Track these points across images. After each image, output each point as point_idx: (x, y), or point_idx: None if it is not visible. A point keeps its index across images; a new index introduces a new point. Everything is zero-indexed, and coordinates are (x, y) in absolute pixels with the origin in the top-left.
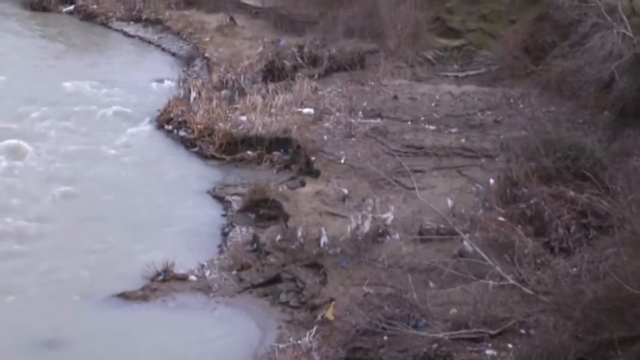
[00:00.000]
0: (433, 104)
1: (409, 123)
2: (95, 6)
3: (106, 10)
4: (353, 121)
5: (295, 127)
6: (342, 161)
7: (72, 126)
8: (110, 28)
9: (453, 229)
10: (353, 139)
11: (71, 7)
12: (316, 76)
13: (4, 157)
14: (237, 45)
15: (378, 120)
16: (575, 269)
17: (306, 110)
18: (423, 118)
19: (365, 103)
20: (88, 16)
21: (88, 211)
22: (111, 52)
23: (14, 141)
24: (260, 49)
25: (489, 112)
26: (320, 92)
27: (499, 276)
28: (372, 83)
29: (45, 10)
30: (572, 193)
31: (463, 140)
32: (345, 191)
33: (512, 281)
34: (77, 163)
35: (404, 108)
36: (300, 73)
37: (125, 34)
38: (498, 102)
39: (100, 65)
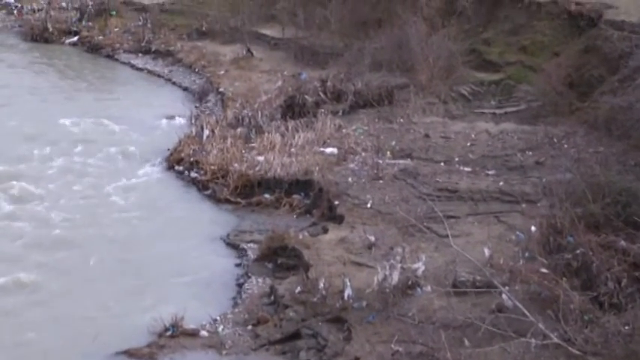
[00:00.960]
0: (468, 144)
1: (442, 164)
2: (101, 37)
3: (113, 41)
4: (380, 161)
5: (317, 168)
6: (369, 206)
7: (76, 167)
8: (117, 60)
9: (491, 282)
10: (380, 181)
11: (74, 39)
12: (340, 113)
13: (2, 200)
14: (255, 79)
15: (408, 161)
16: (627, 327)
17: (329, 150)
18: (457, 159)
19: (393, 143)
20: (93, 48)
21: (93, 260)
22: (117, 86)
23: (13, 183)
24: (279, 83)
25: (530, 153)
26: (344, 130)
27: (542, 334)
28: (402, 120)
29: (46, 41)
30: (623, 243)
31: (501, 183)
32: (372, 239)
33: (556, 340)
34: (82, 207)
35: (436, 148)
36: (322, 110)
37: (133, 67)
38: (540, 142)
39: (105, 101)
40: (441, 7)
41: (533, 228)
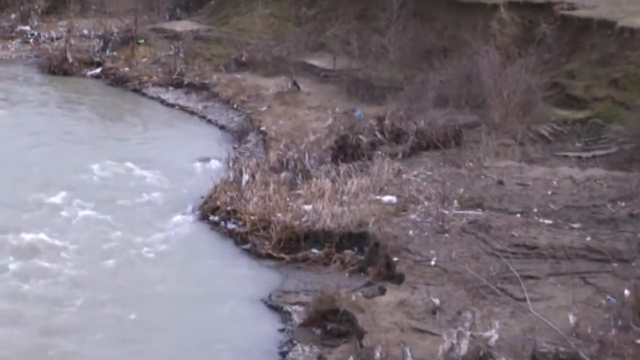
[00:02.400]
0: (549, 192)
1: (518, 216)
2: (127, 68)
3: (140, 73)
4: (446, 212)
5: (373, 219)
6: (433, 263)
7: (99, 217)
8: (145, 95)
9: (577, 354)
10: (446, 235)
11: (97, 70)
12: (400, 156)
13: (17, 256)
14: (301, 116)
15: (479, 211)
16: None
17: (386, 198)
18: (536, 210)
19: (462, 190)
20: (118, 81)
21: (119, 327)
22: (145, 124)
23: (29, 236)
24: (329, 121)
25: (623, 204)
26: (404, 176)
27: None
28: (471, 165)
29: (66, 73)
30: None
31: (588, 239)
32: (436, 301)
33: None
34: (105, 263)
35: (511, 196)
36: (379, 152)
37: (163, 102)
38: (634, 190)
39: (132, 141)
40: (517, 34)
41: (626, 292)
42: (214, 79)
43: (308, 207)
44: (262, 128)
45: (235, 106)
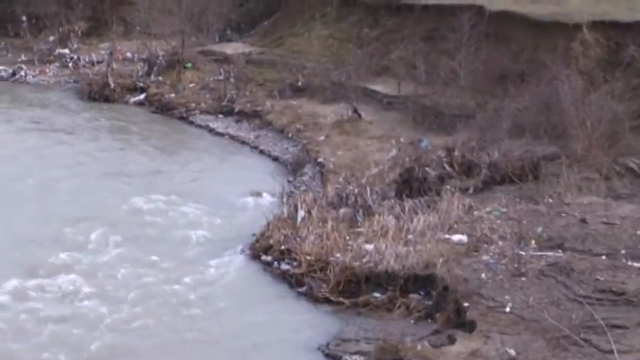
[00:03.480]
0: (639, 232)
1: (604, 258)
2: (173, 94)
3: (187, 99)
4: (523, 253)
5: (441, 260)
6: (508, 310)
7: (139, 256)
8: (192, 123)
9: None
10: (523, 278)
11: (141, 97)
12: (471, 191)
13: (50, 297)
14: (362, 146)
15: (559, 253)
16: None
17: (456, 237)
18: (624, 252)
19: (540, 229)
20: (163, 108)
21: None
22: (192, 155)
23: (62, 277)
24: (393, 152)
25: None
26: (476, 213)
27: None
28: (551, 201)
29: (107, 100)
30: None
31: None
32: (512, 352)
33: None
34: (146, 307)
35: (596, 236)
36: (448, 186)
37: (211, 131)
38: None
39: (177, 173)
40: (601, 57)
41: None
42: (267, 106)
43: (370, 246)
44: (320, 160)
45: (290, 135)
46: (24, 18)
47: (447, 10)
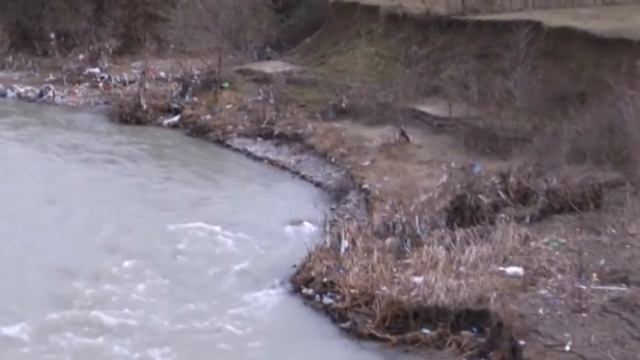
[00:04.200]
0: None
1: None
2: (209, 116)
3: (224, 121)
4: (584, 287)
5: (495, 294)
6: (567, 348)
7: (174, 288)
8: (229, 147)
9: None
10: (584, 314)
11: (175, 119)
12: (527, 220)
13: (75, 333)
14: (410, 172)
15: (623, 287)
16: None
17: (511, 270)
18: None
19: (602, 262)
20: (199, 131)
21: None
22: (229, 181)
23: (94, 312)
24: (444, 178)
25: None
26: (533, 243)
27: None
28: (614, 231)
29: (139, 122)
30: None
31: None
32: None
33: None
34: (179, 344)
35: None
36: (503, 215)
37: (250, 155)
38: None
39: (214, 200)
40: None
41: None
42: (309, 129)
43: (418, 279)
44: (365, 186)
45: (333, 160)
46: (52, 35)
47: (502, 26)
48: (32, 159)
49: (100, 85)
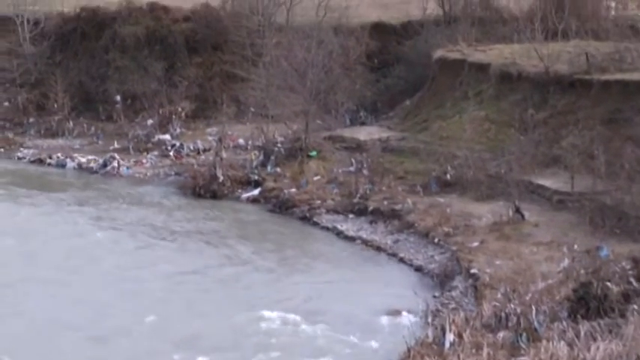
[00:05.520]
0: None
1: None
2: (293, 189)
3: (311, 196)
4: None
5: None
6: None
7: None
8: (316, 224)
9: None
10: None
11: (255, 192)
12: None
13: None
14: (526, 254)
15: None
16: None
17: None
18: None
19: None
20: (282, 206)
21: None
22: (317, 264)
23: None
24: (565, 262)
25: None
26: None
27: None
28: None
29: (215, 196)
30: None
31: None
32: None
33: None
34: None
35: None
36: (635, 306)
37: (340, 234)
38: None
39: (299, 286)
40: None
41: None
42: (409, 204)
43: None
44: (473, 271)
45: (437, 240)
46: (118, 98)
47: (634, 87)
48: (93, 241)
49: (171, 153)
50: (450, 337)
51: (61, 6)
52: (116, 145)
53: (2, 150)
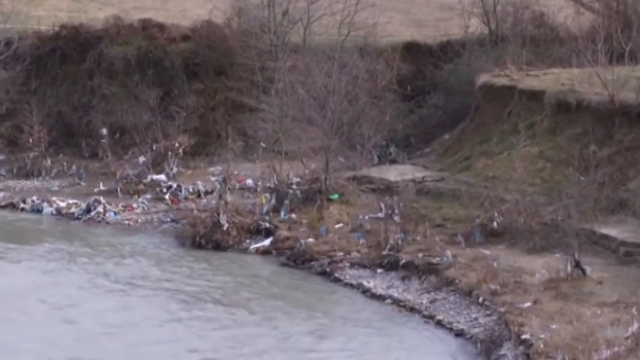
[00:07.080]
0: None
1: None
2: (311, 239)
3: (332, 246)
4: None
5: None
6: None
7: None
8: (338, 280)
9: None
10: None
11: (266, 242)
12: None
13: None
14: (588, 317)
15: None
16: None
17: None
18: None
19: None
20: (298, 259)
21: None
22: (339, 327)
23: None
24: (634, 326)
25: None
26: None
27: None
28: None
29: (218, 247)
30: None
31: None
32: None
33: None
34: None
35: None
36: None
37: (366, 292)
38: None
39: (317, 354)
40: None
41: None
42: (448, 257)
43: None
44: (525, 336)
45: (481, 299)
46: (104, 131)
47: None
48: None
49: (167, 197)
50: None
51: (38, 24)
52: (102, 187)
53: None
